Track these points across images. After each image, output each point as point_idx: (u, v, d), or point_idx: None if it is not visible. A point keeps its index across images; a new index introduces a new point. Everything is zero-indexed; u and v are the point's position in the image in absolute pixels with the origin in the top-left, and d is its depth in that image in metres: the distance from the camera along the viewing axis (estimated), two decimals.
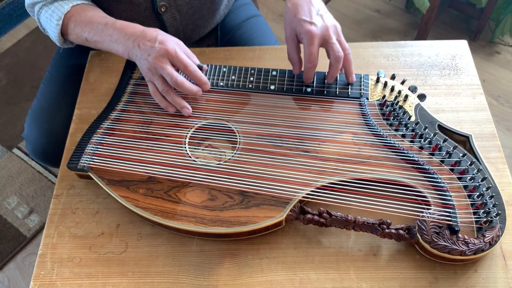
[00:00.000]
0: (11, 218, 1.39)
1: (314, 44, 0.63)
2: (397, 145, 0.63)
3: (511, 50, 1.70)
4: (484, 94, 0.73)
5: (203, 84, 0.68)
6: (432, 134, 0.63)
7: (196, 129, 0.67)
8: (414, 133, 0.63)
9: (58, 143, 0.79)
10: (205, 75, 0.72)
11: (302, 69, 0.69)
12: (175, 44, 0.66)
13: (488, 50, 1.70)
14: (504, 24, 1.59)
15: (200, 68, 0.70)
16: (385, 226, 0.57)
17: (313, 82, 0.70)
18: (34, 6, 0.75)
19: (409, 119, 0.65)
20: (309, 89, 0.70)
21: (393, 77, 0.70)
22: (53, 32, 0.74)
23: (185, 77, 0.68)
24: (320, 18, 0.65)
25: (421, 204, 0.59)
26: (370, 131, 0.65)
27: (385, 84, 0.69)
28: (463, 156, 0.61)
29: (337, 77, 0.70)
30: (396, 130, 0.64)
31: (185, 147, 0.65)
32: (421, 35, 1.69)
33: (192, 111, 0.69)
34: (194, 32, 0.91)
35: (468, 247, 0.54)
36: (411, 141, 0.63)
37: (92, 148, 0.66)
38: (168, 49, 0.64)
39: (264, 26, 0.99)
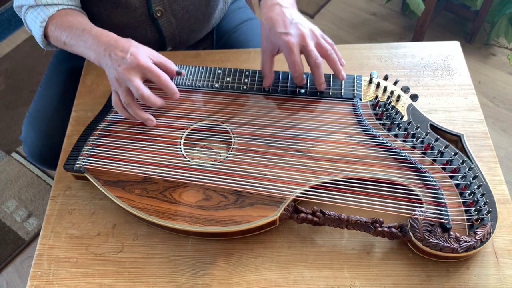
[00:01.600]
0: (10, 221, 1.39)
1: (294, 53, 0.64)
2: (389, 145, 0.63)
3: (506, 52, 1.71)
4: (480, 96, 0.75)
5: (173, 95, 0.67)
6: (424, 134, 0.64)
7: (191, 130, 0.68)
8: (406, 132, 0.64)
9: (55, 145, 0.80)
10: (184, 79, 0.73)
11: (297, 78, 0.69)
12: (146, 57, 0.66)
13: (484, 52, 1.72)
14: (499, 26, 1.61)
15: (179, 73, 0.71)
16: (377, 225, 0.58)
17: (307, 83, 0.71)
18: (21, 7, 0.77)
19: (401, 119, 0.66)
20: (302, 90, 0.71)
21: (385, 78, 0.71)
22: (37, 33, 0.76)
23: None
24: (295, 27, 0.65)
25: (413, 202, 0.59)
26: (363, 131, 0.65)
27: (378, 84, 0.70)
28: (455, 155, 0.61)
29: (330, 78, 0.71)
30: (388, 130, 0.65)
31: (180, 148, 0.66)
32: (417, 38, 1.70)
33: (187, 113, 0.70)
34: (190, 36, 0.92)
35: (459, 244, 0.55)
36: (404, 141, 0.64)
37: (88, 150, 0.66)
38: (139, 61, 0.64)
39: (259, 29, 1.00)
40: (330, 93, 0.70)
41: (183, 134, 0.67)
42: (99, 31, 0.69)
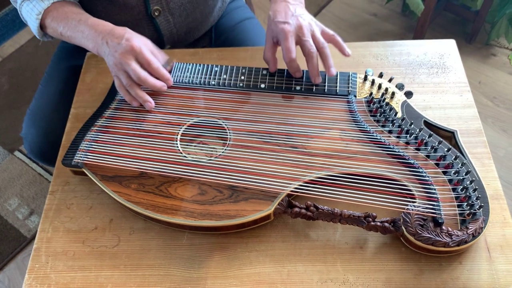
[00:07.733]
0: (12, 219, 1.41)
1: (288, 40, 0.67)
2: (383, 141, 0.64)
3: (506, 52, 1.71)
4: (480, 96, 0.75)
5: (166, 81, 0.71)
6: (417, 130, 0.64)
7: (188, 126, 0.69)
8: (400, 129, 0.65)
9: (55, 142, 0.81)
10: (172, 70, 0.75)
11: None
12: (140, 42, 0.69)
13: (484, 52, 1.72)
14: (499, 26, 1.61)
15: (165, 67, 0.73)
16: (370, 219, 0.58)
17: (302, 80, 0.72)
18: None
19: (395, 115, 0.67)
20: (298, 87, 0.71)
21: (380, 75, 0.71)
22: (33, 25, 0.78)
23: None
24: (295, 18, 0.68)
25: (406, 197, 0.60)
26: (357, 127, 0.66)
27: (373, 82, 0.71)
28: (448, 150, 0.62)
29: (325, 75, 0.72)
30: (382, 126, 0.66)
31: (177, 144, 0.67)
32: (417, 38, 1.70)
33: (184, 109, 0.71)
34: (188, 35, 0.93)
35: (451, 238, 0.56)
36: (398, 137, 0.64)
37: (86, 145, 0.67)
38: (133, 45, 0.67)
39: (258, 28, 1.01)
40: (325, 90, 0.71)
41: (179, 130, 0.68)
42: (95, 21, 0.71)
